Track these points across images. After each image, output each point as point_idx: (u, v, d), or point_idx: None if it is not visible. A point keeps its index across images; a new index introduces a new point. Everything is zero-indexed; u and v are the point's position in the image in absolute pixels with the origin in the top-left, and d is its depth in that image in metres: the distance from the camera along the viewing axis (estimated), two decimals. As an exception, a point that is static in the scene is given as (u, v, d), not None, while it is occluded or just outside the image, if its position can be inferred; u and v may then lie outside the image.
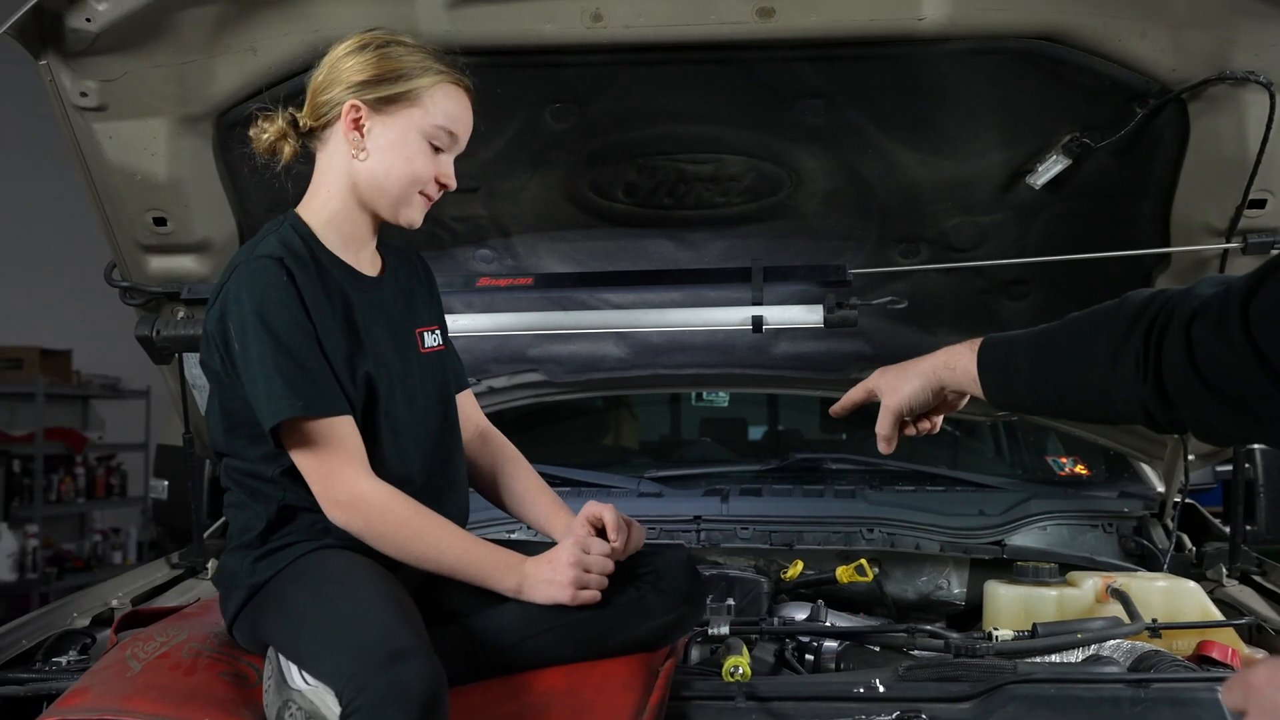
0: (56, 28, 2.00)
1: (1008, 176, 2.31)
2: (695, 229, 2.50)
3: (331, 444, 1.69)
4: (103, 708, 1.60)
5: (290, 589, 1.69)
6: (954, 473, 2.98)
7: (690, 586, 1.82)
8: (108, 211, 2.32)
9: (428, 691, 1.44)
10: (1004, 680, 1.69)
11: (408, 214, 1.81)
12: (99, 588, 2.48)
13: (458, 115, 1.80)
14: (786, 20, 2.00)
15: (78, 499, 7.15)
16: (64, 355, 6.98)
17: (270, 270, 1.69)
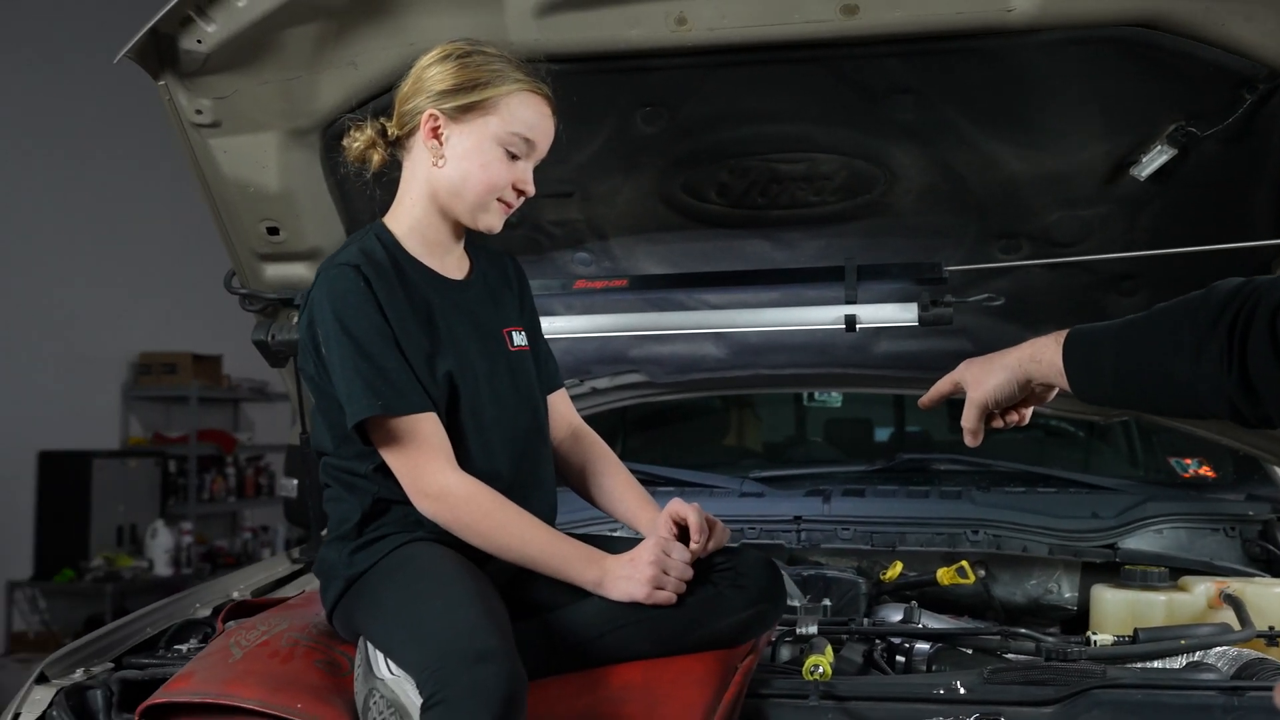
0: (171, 50, 2.11)
1: (1110, 168, 2.24)
2: (790, 228, 2.50)
3: (415, 440, 1.75)
4: (204, 691, 1.68)
5: (383, 582, 1.75)
6: (1068, 474, 2.90)
7: (769, 584, 1.83)
8: (225, 222, 2.44)
9: (507, 692, 1.48)
10: (1090, 685, 1.65)
11: (486, 220, 1.86)
12: (222, 580, 2.61)
13: (534, 123, 1.83)
14: (871, 17, 1.98)
15: (229, 498, 7.49)
16: (215, 360, 7.30)
17: (347, 277, 1.76)
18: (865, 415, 3.63)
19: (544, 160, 1.94)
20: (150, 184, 6.73)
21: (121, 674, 1.94)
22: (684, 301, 2.63)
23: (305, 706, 1.64)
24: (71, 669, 1.94)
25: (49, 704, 1.84)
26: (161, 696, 1.70)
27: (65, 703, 1.84)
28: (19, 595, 6.20)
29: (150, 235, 6.93)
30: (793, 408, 3.73)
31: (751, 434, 3.75)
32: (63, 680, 1.90)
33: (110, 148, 6.61)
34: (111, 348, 6.92)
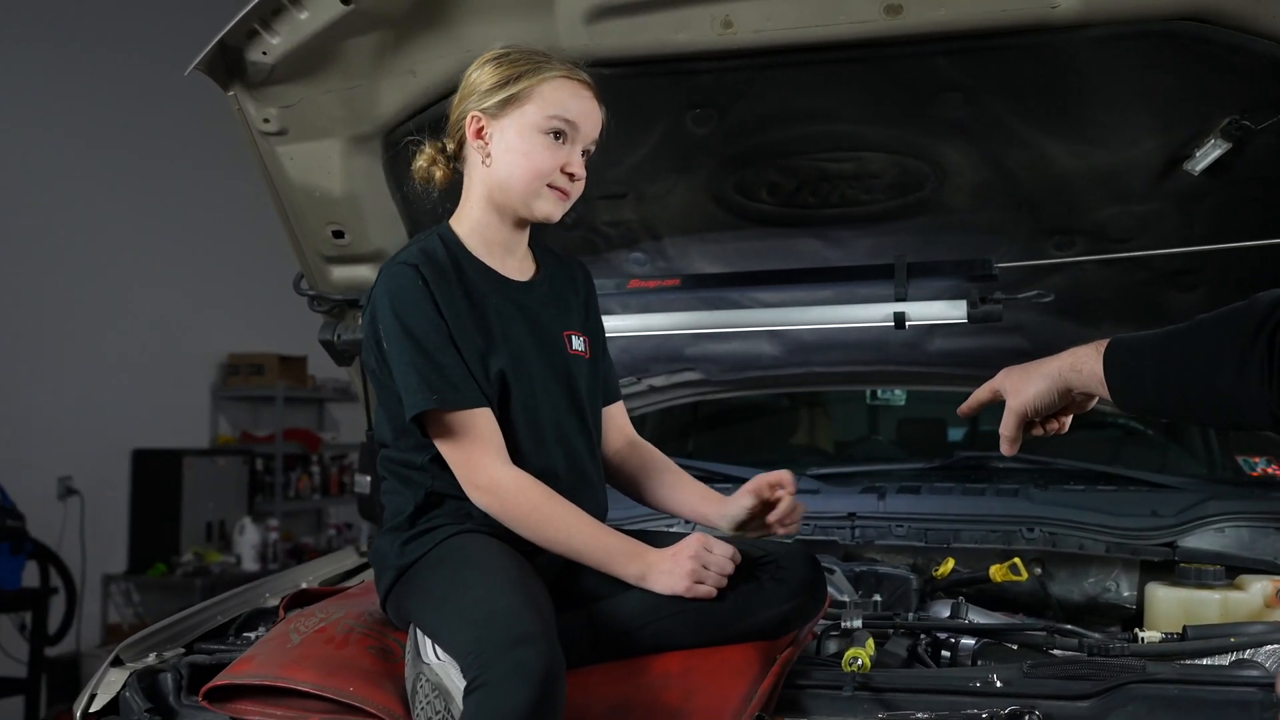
0: (239, 61, 2.20)
1: (1164, 163, 2.22)
2: (841, 227, 2.52)
3: (469, 434, 1.81)
4: (263, 674, 1.76)
5: (432, 571, 1.81)
6: (1129, 472, 2.86)
7: (809, 577, 1.85)
8: (293, 226, 2.53)
9: (546, 672, 1.52)
10: (1127, 679, 1.65)
11: (541, 208, 1.89)
12: (293, 571, 2.71)
13: (570, 104, 1.86)
14: (915, 16, 2.00)
15: (314, 495, 7.65)
16: (300, 361, 7.47)
17: (405, 275, 1.83)
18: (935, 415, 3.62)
19: (597, 162, 1.98)
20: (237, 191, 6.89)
21: (191, 658, 2.02)
22: (738, 300, 2.66)
23: (357, 689, 1.71)
24: (145, 653, 2.02)
25: (122, 685, 1.92)
26: (224, 678, 1.79)
27: (137, 684, 1.92)
28: (114, 588, 6.41)
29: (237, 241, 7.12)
30: (856, 406, 3.74)
31: (818, 432, 3.77)
32: (136, 664, 1.98)
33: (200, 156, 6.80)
34: (201, 350, 7.13)
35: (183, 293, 6.79)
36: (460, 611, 1.68)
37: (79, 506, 6.03)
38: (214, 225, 6.99)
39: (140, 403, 6.51)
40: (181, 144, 6.71)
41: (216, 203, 6.98)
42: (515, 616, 1.60)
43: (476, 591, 1.70)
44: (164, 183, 6.66)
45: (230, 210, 7.02)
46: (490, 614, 1.62)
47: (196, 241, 6.89)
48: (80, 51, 6.15)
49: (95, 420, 6.17)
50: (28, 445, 5.73)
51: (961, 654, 2.01)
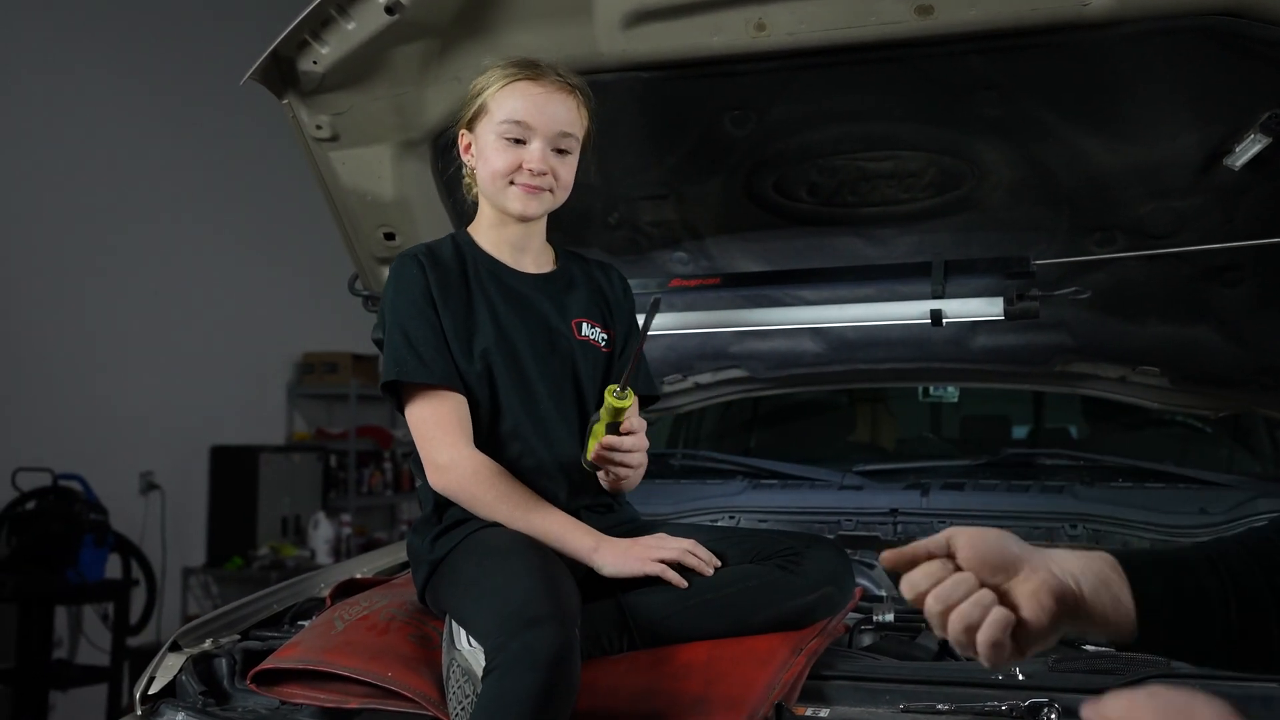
0: (291, 71, 2.29)
1: (1203, 159, 2.20)
2: (881, 225, 2.53)
3: (435, 413, 1.92)
4: (308, 659, 1.83)
5: (461, 561, 1.88)
6: (1178, 469, 2.84)
7: (835, 568, 1.88)
8: (347, 229, 2.61)
9: (554, 655, 1.55)
10: (1148, 674, 1.66)
11: (511, 205, 1.99)
12: (348, 563, 2.78)
13: (517, 106, 1.95)
14: (946, 16, 2.00)
15: (386, 491, 7.79)
16: (373, 360, 7.58)
17: (405, 263, 2.00)
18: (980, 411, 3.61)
19: (637, 164, 2.05)
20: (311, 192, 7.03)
21: (245, 644, 2.10)
22: (778, 298, 2.69)
23: (396, 674, 1.77)
24: (201, 639, 2.11)
25: (179, 669, 2.01)
26: (270, 663, 1.86)
27: (193, 669, 2.01)
28: (193, 581, 6.59)
29: (312, 242, 7.23)
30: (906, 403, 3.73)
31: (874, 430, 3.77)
32: (193, 649, 2.07)
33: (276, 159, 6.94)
34: (277, 349, 7.29)
35: (259, 293, 6.95)
36: (483, 599, 1.74)
37: (160, 501, 6.20)
38: (291, 226, 7.14)
39: (219, 400, 6.68)
40: (258, 144, 6.86)
41: (293, 203, 7.10)
42: (528, 599, 1.65)
43: (496, 578, 1.76)
44: (242, 182, 6.81)
45: (306, 211, 7.13)
46: (506, 598, 1.67)
47: (274, 242, 7.05)
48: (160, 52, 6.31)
49: (175, 417, 6.34)
50: (111, 442, 5.91)
51: (995, 648, 2.02)
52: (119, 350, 6.04)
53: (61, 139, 5.75)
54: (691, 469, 3.03)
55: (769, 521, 2.70)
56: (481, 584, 1.76)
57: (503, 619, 1.63)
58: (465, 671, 1.70)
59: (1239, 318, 2.47)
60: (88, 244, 5.87)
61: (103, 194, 5.97)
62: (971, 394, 3.50)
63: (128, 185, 6.12)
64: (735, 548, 1.93)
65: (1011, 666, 1.74)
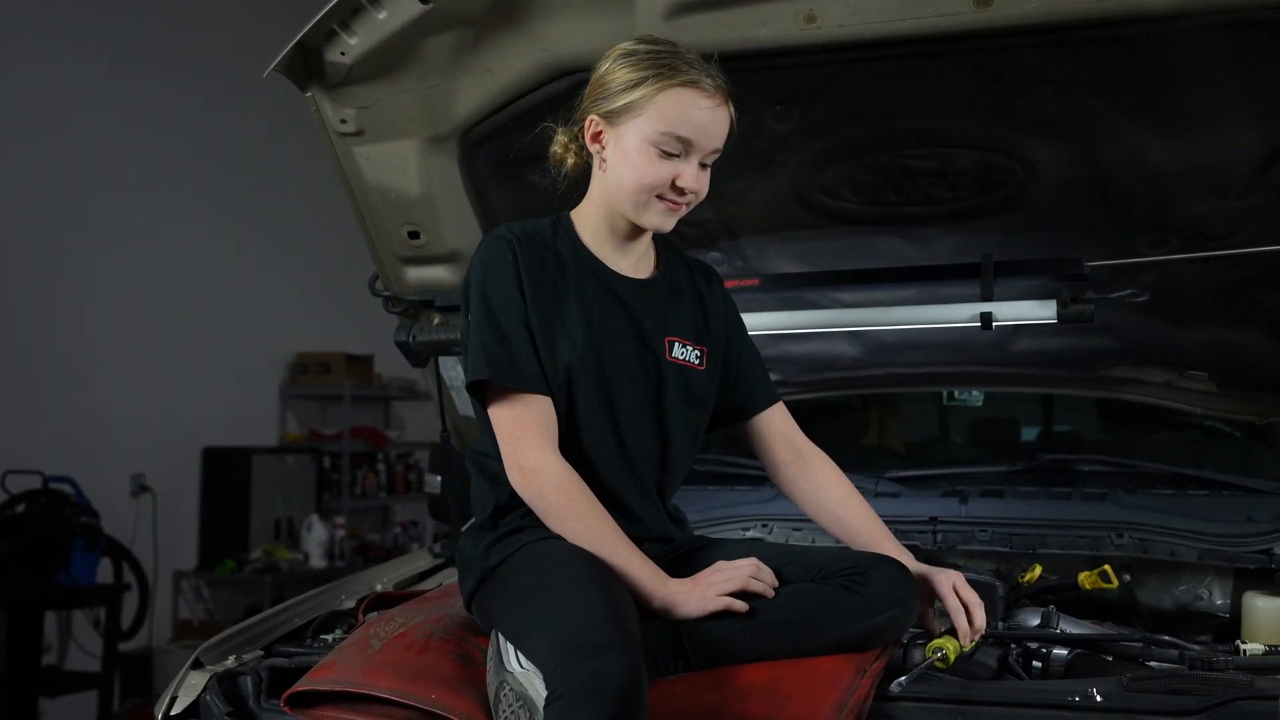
0: (317, 62, 2.20)
1: (1264, 157, 2.14)
2: (925, 225, 2.46)
3: (522, 414, 1.81)
4: (345, 680, 1.74)
5: (516, 574, 1.78)
6: (1220, 476, 2.77)
7: (902, 590, 1.80)
8: (369, 227, 2.52)
9: (624, 686, 1.46)
10: (1234, 695, 1.58)
11: (649, 219, 1.86)
12: (367, 573, 2.70)
13: (686, 118, 1.79)
14: (1005, 8, 1.93)
15: (380, 493, 7.70)
16: (367, 360, 7.52)
17: (498, 246, 1.86)
18: (1005, 414, 3.54)
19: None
20: (304, 192, 6.99)
21: (270, 662, 2.02)
22: (817, 300, 2.61)
23: (439, 697, 1.69)
24: (224, 656, 2.03)
25: (203, 688, 1.93)
26: (305, 684, 1.78)
27: (218, 688, 1.92)
28: (184, 585, 6.48)
29: (306, 241, 7.19)
30: (933, 407, 3.67)
31: (890, 433, 3.70)
32: (216, 666, 1.98)
33: (269, 157, 6.88)
34: (270, 349, 7.19)
35: (252, 293, 6.86)
36: (541, 618, 1.65)
37: (151, 504, 6.11)
38: (284, 225, 7.06)
39: (211, 401, 6.58)
40: (251, 144, 6.78)
41: (286, 203, 7.05)
42: (594, 625, 1.56)
43: (558, 597, 1.67)
44: (234, 183, 6.73)
45: (299, 211, 7.09)
46: (570, 622, 1.59)
47: (266, 242, 6.97)
48: (151, 51, 6.22)
49: (167, 419, 6.25)
50: (102, 444, 5.81)
51: (1054, 665, 1.95)
52: (110, 351, 5.94)
53: (53, 141, 5.65)
54: (719, 474, 2.95)
55: (803, 530, 2.62)
56: (540, 601, 1.67)
57: (566, 643, 1.54)
58: (520, 696, 1.61)
59: (1292, 322, 2.41)
60: (79, 245, 5.77)
61: (94, 196, 5.87)
62: (994, 397, 3.44)
63: (119, 187, 6.02)
64: (793, 565, 1.84)
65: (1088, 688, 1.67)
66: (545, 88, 2.22)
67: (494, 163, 2.40)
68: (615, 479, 1.88)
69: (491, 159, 2.39)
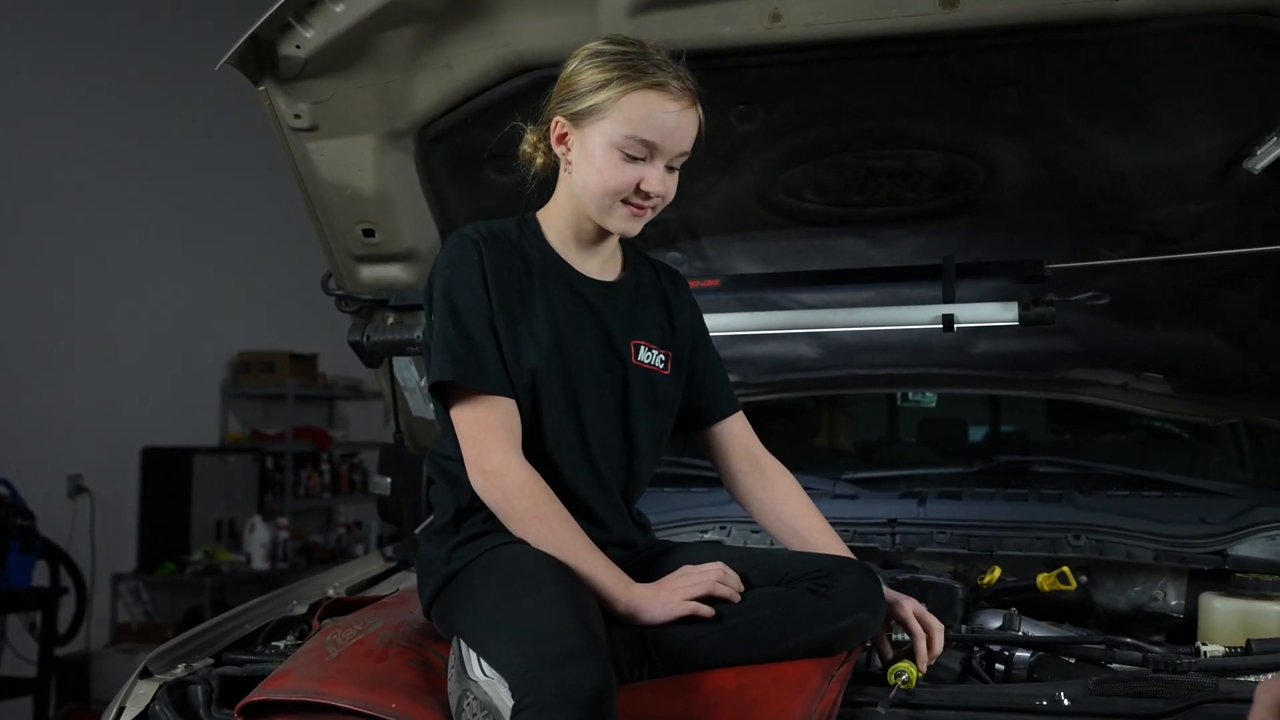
0: (271, 55, 2.14)
1: (1224, 161, 2.16)
2: (887, 226, 2.46)
3: (486, 416, 1.78)
4: (302, 690, 1.69)
5: (479, 580, 1.75)
6: (1173, 477, 2.80)
7: (868, 592, 1.78)
8: (323, 225, 2.46)
9: (594, 694, 1.45)
10: (1202, 698, 1.59)
11: (613, 223, 1.83)
12: (318, 578, 2.64)
13: (651, 121, 1.76)
14: (972, 9, 1.93)
15: (324, 494, 7.60)
16: (311, 359, 7.42)
17: (464, 246, 1.82)
18: (959, 415, 3.56)
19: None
20: (248, 187, 6.89)
21: (221, 670, 1.96)
22: (777, 301, 2.60)
23: (400, 706, 1.64)
24: (173, 664, 1.97)
25: (152, 699, 1.87)
26: (260, 694, 1.72)
27: (167, 698, 1.87)
28: (123, 587, 6.35)
29: (249, 238, 7.08)
30: (885, 408, 3.68)
31: (843, 434, 3.70)
32: (165, 675, 1.92)
33: (211, 152, 6.76)
34: (212, 347, 7.07)
35: (193, 290, 6.74)
36: (507, 625, 1.62)
37: (89, 505, 5.99)
38: (225, 222, 6.95)
39: (150, 400, 6.46)
40: (193, 140, 6.67)
41: (228, 199, 6.93)
42: (563, 631, 1.54)
43: (524, 604, 1.63)
44: (175, 179, 6.61)
45: (242, 207, 6.99)
46: (537, 629, 1.56)
47: (207, 238, 6.85)
48: (90, 45, 6.10)
49: (105, 418, 6.13)
50: (38, 443, 5.67)
51: (1016, 668, 1.95)
52: (46, 348, 5.81)
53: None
54: (675, 476, 2.93)
55: (761, 533, 2.60)
56: (505, 608, 1.63)
57: (534, 651, 1.51)
58: (484, 705, 1.57)
59: (1247, 324, 2.43)
60: (13, 241, 5.64)
61: (32, 192, 5.74)
62: (948, 399, 3.45)
63: (58, 184, 5.90)
64: (759, 569, 1.82)
65: (1055, 691, 1.66)
66: (506, 84, 2.19)
67: (452, 160, 2.36)
68: (579, 482, 1.85)
69: (449, 156, 2.35)
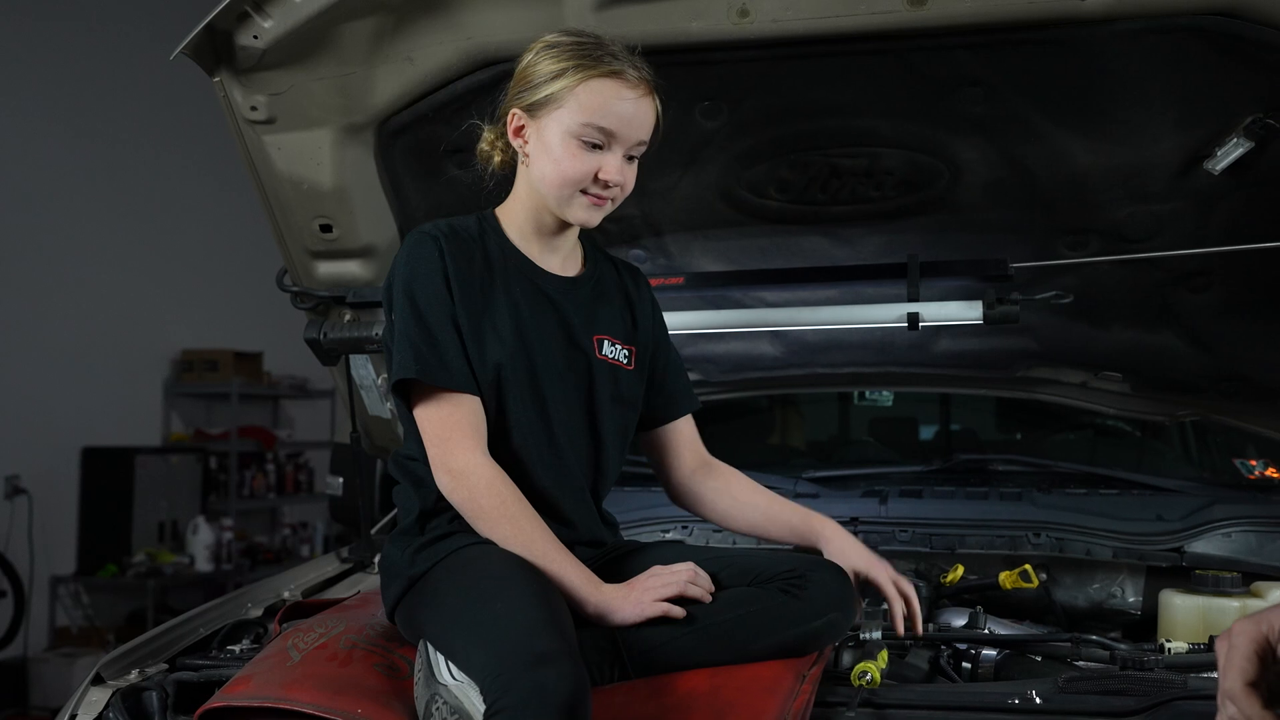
0: (227, 46, 2.09)
1: (1184, 162, 2.18)
2: (850, 224, 2.45)
3: (450, 415, 1.75)
4: (264, 695, 1.65)
5: (446, 582, 1.72)
6: (1130, 475, 2.82)
7: (840, 593, 1.78)
8: (278, 220, 2.41)
9: (570, 695, 1.43)
10: (1172, 696, 1.60)
11: (573, 214, 1.81)
12: (272, 580, 2.59)
13: (607, 109, 1.75)
14: (941, 7, 1.93)
15: (269, 494, 7.50)
16: (255, 357, 7.32)
17: (424, 243, 1.79)
18: (914, 414, 3.57)
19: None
20: (192, 182, 6.78)
21: (176, 675, 1.92)
22: (740, 299, 2.59)
23: (366, 711, 1.61)
24: (126, 670, 1.92)
25: (105, 705, 1.82)
26: (220, 700, 1.68)
27: (121, 704, 1.82)
28: (62, 590, 6.23)
29: (193, 233, 6.97)
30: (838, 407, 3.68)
31: (796, 434, 3.70)
32: (118, 681, 1.87)
33: (153, 145, 6.64)
34: (154, 345, 6.96)
35: (135, 286, 6.63)
36: (477, 628, 1.59)
37: (26, 506, 5.90)
38: (168, 216, 6.84)
39: (90, 399, 6.35)
40: (137, 131, 6.55)
41: (172, 194, 6.81)
42: (535, 633, 1.51)
43: (494, 606, 1.61)
44: (118, 172, 6.50)
45: (186, 202, 6.87)
46: (508, 631, 1.54)
47: (149, 233, 6.74)
48: (27, 34, 5.97)
49: (44, 417, 6.02)
50: (-27, 443, 5.55)
51: (983, 666, 1.95)
52: (-18, 345, 5.67)
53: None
54: (635, 475, 2.90)
55: (723, 532, 2.59)
56: (475, 611, 1.60)
57: (506, 653, 1.49)
58: (455, 709, 1.54)
59: (1204, 324, 2.46)
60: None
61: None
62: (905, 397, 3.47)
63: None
64: (730, 569, 1.81)
65: (1027, 690, 1.66)
66: (468, 78, 2.16)
67: (412, 154, 2.33)
68: (547, 480, 1.83)
69: (409, 150, 2.32)
